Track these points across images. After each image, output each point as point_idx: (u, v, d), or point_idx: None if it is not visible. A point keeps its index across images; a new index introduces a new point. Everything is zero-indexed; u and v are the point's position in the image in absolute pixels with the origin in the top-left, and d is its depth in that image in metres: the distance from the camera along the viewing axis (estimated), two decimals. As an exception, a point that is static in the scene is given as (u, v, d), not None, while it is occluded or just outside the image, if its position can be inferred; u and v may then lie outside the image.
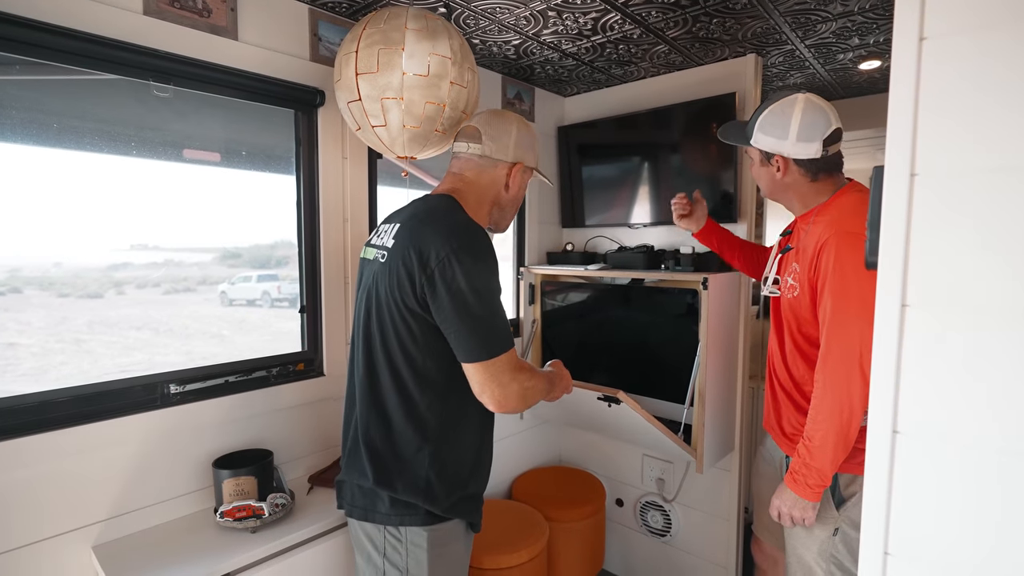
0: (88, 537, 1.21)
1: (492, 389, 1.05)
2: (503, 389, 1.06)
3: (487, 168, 1.20)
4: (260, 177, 1.66)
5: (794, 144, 1.25)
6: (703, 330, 1.74)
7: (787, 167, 1.29)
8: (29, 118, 1.22)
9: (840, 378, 1.16)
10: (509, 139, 1.19)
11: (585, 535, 2.12)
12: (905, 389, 0.63)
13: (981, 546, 0.58)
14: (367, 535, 1.16)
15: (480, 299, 1.03)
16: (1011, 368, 0.56)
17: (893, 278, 0.63)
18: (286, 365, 1.58)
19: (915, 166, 0.61)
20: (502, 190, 1.21)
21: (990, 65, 0.56)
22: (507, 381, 1.06)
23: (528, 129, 1.24)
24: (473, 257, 1.03)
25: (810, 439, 1.20)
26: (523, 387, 1.09)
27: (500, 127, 1.20)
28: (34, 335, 1.50)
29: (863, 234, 1.14)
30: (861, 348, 1.13)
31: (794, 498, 1.23)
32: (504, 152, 1.19)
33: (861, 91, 2.45)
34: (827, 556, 1.29)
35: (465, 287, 1.01)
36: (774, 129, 1.27)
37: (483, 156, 1.19)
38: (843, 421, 1.15)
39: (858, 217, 1.19)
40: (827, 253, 1.20)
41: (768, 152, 1.30)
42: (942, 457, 0.61)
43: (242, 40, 1.40)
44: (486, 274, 1.05)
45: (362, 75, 1.28)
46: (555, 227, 2.47)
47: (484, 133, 1.19)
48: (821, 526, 1.30)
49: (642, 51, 1.86)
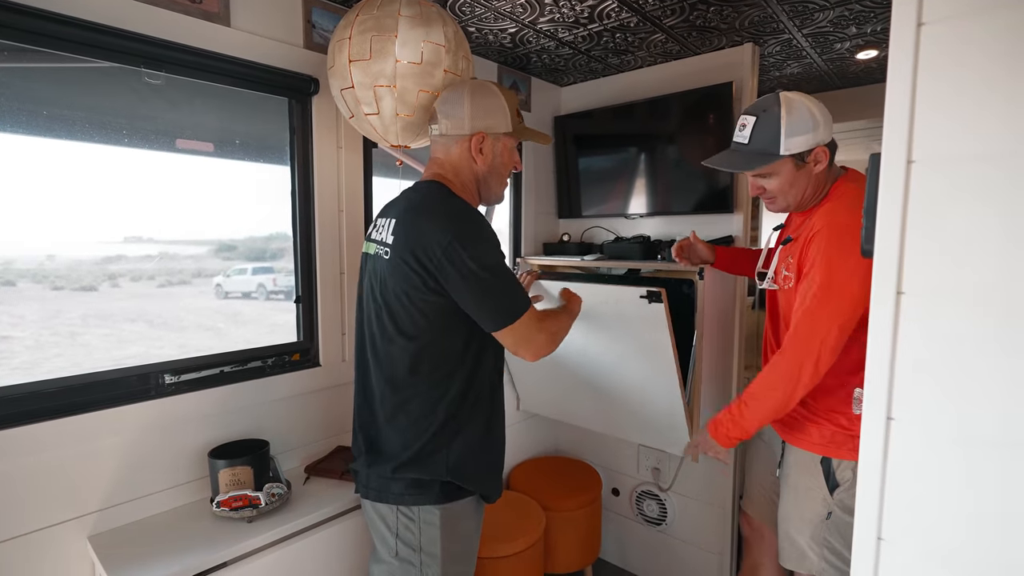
0: (84, 527, 1.21)
1: (525, 346, 1.15)
2: (534, 343, 1.16)
3: (451, 146, 1.18)
4: (254, 168, 1.65)
5: (824, 127, 1.23)
6: (699, 320, 1.74)
7: (826, 154, 1.24)
8: (18, 106, 1.21)
9: (795, 363, 1.20)
10: (462, 111, 1.15)
11: (581, 524, 2.13)
12: (899, 376, 0.63)
13: (973, 532, 0.59)
14: (380, 516, 1.19)
15: (491, 274, 1.08)
16: (1005, 355, 0.56)
17: (889, 265, 0.63)
18: (282, 355, 1.58)
19: (912, 152, 0.61)
20: (473, 164, 1.18)
21: (989, 50, 0.56)
22: (535, 335, 1.16)
23: (485, 94, 1.17)
24: (473, 239, 1.08)
25: (747, 403, 1.27)
26: (550, 333, 1.20)
27: (452, 101, 1.17)
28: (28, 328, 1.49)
29: (856, 225, 1.16)
30: (822, 345, 1.17)
31: (713, 443, 1.34)
32: (459, 126, 1.16)
33: (858, 81, 2.44)
34: (820, 540, 1.30)
35: (475, 268, 1.06)
36: (801, 125, 1.21)
37: (443, 135, 1.18)
38: (783, 399, 1.22)
39: (853, 210, 1.19)
40: (816, 243, 1.21)
41: (803, 152, 1.23)
42: (935, 444, 0.61)
43: (235, 26, 1.38)
44: (489, 250, 1.10)
45: (355, 62, 1.27)
46: (552, 218, 2.47)
47: (439, 111, 1.18)
48: (813, 510, 1.31)
49: (639, 40, 1.84)
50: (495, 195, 1.27)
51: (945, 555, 0.61)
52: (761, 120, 1.25)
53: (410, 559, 1.16)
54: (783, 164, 1.25)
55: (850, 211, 1.19)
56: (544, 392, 2.20)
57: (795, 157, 1.24)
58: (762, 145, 1.25)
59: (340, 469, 1.52)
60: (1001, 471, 0.57)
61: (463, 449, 1.16)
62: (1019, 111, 0.55)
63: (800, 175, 1.26)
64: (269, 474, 1.38)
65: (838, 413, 1.26)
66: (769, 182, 1.29)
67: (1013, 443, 0.56)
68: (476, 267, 1.06)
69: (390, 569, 1.19)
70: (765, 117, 1.24)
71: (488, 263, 1.08)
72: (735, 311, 1.93)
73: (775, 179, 1.27)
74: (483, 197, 1.26)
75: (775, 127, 1.23)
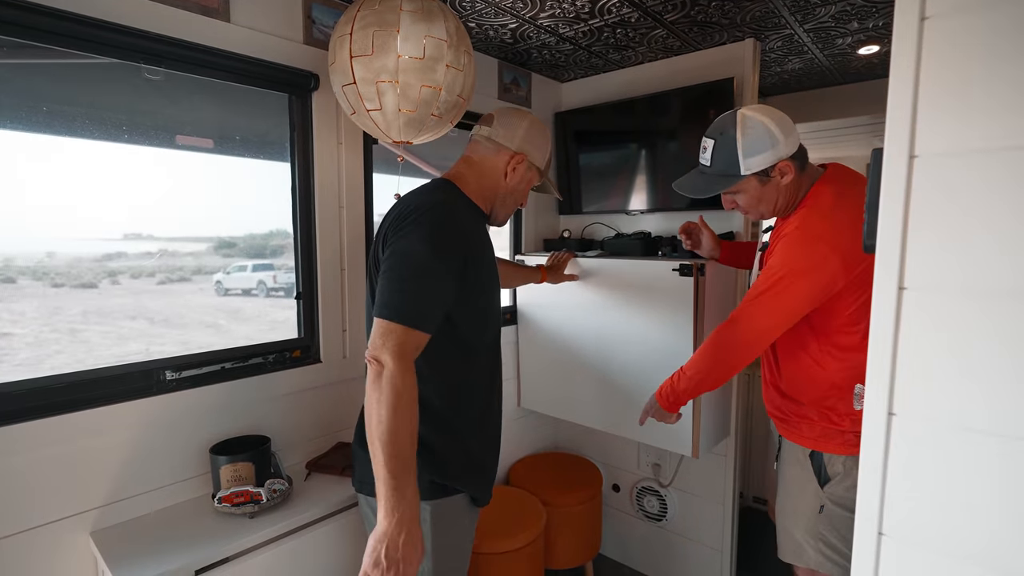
0: (85, 523, 1.22)
1: (378, 348, 0.98)
2: (385, 352, 0.98)
3: (491, 153, 1.21)
4: (254, 164, 1.65)
5: (784, 142, 1.22)
6: (699, 315, 1.74)
7: (791, 167, 1.23)
8: (18, 102, 1.20)
9: (726, 343, 1.28)
10: (519, 129, 1.21)
11: (582, 520, 2.14)
12: (901, 371, 0.63)
13: (976, 527, 0.59)
14: (373, 510, 1.16)
15: (406, 263, 1.02)
16: (1008, 350, 0.56)
17: (891, 260, 0.63)
18: (282, 352, 1.58)
19: (915, 148, 0.61)
20: (501, 178, 1.21)
21: (993, 44, 0.56)
22: (386, 357, 0.97)
23: (542, 130, 1.25)
24: (427, 231, 1.04)
25: (685, 373, 1.35)
26: (390, 380, 0.97)
27: (514, 117, 1.22)
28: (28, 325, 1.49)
29: (827, 233, 1.18)
30: (761, 336, 1.25)
31: (658, 407, 1.42)
32: (510, 139, 1.20)
33: (860, 77, 2.44)
34: (814, 533, 1.31)
35: (401, 248, 1.03)
36: (758, 144, 1.21)
37: (489, 139, 1.21)
38: (718, 377, 1.32)
39: (825, 216, 1.21)
40: (782, 244, 1.24)
41: (765, 169, 1.23)
42: (937, 439, 0.61)
43: (234, 22, 1.37)
44: (428, 250, 1.03)
45: (356, 58, 1.26)
46: (552, 214, 2.46)
47: (497, 119, 1.22)
48: (806, 503, 1.32)
49: (639, 35, 1.84)
50: (503, 216, 1.27)
51: (947, 550, 0.61)
52: (719, 143, 1.26)
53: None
54: (747, 182, 1.26)
55: (823, 218, 1.21)
56: (547, 389, 2.20)
57: (758, 174, 1.24)
58: (722, 167, 1.26)
59: (341, 465, 1.52)
60: (1003, 465, 0.57)
61: (447, 447, 1.13)
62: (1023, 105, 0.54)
63: (767, 189, 1.26)
64: (270, 470, 1.39)
65: (827, 408, 1.27)
66: (739, 198, 1.31)
67: (1015, 437, 0.56)
68: (401, 247, 1.02)
69: None
70: (722, 140, 1.26)
71: (417, 252, 1.02)
72: (735, 306, 1.93)
73: (743, 195, 1.29)
74: (493, 213, 1.25)
75: (732, 149, 1.23)
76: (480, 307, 1.16)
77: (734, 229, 1.96)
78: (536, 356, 2.22)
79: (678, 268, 1.69)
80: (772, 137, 1.21)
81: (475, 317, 1.15)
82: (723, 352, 1.29)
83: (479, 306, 1.16)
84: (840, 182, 1.26)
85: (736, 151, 1.23)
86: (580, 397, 2.05)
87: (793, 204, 1.29)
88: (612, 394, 1.93)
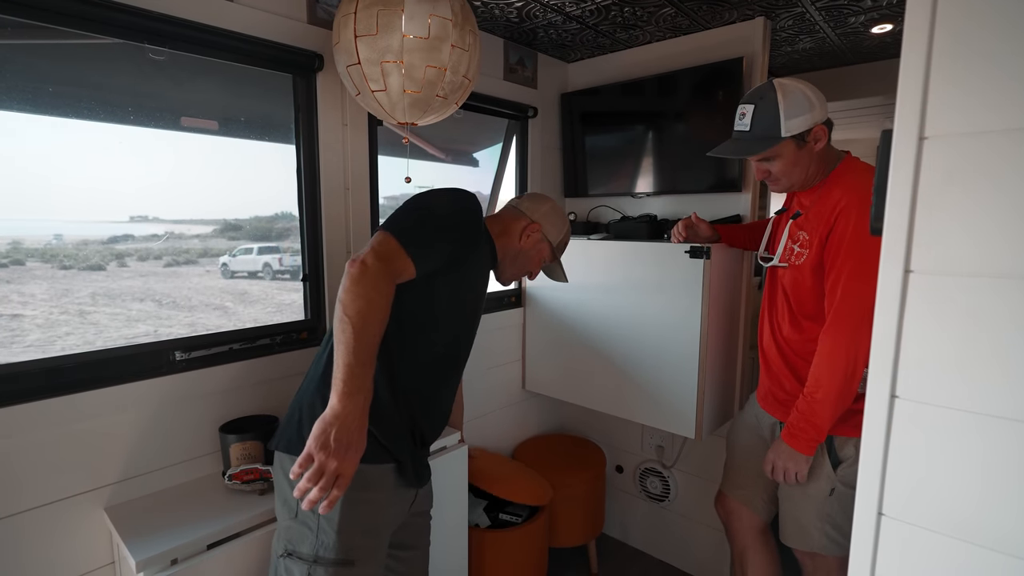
0: (100, 499, 1.25)
1: (363, 253, 1.01)
2: (365, 261, 1.00)
3: (515, 217, 1.35)
4: (259, 146, 1.64)
5: (820, 107, 1.28)
6: (704, 300, 1.74)
7: (825, 132, 1.29)
8: (23, 84, 1.20)
9: (849, 338, 1.21)
10: (542, 206, 1.37)
11: (586, 499, 2.17)
12: (905, 354, 0.63)
13: (976, 509, 0.60)
14: (285, 472, 1.09)
15: (424, 202, 1.14)
16: (1012, 334, 0.56)
17: (897, 243, 0.63)
18: (289, 333, 1.59)
19: (925, 129, 0.60)
20: (516, 239, 1.32)
21: (1007, 23, 0.55)
22: (372, 259, 1.00)
23: (561, 214, 1.40)
24: (453, 197, 1.17)
25: (812, 395, 1.25)
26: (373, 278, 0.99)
27: (540, 197, 1.40)
28: (38, 307, 1.51)
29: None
30: (869, 315, 1.16)
31: (790, 452, 1.29)
32: (532, 211, 1.35)
33: (872, 56, 2.39)
34: (824, 516, 1.33)
35: (423, 196, 1.15)
36: (798, 107, 1.27)
37: (516, 208, 1.38)
38: (847, 379, 1.21)
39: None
40: (846, 217, 1.24)
41: (803, 132, 1.28)
42: (940, 421, 0.61)
43: (238, 2, 1.36)
44: (448, 207, 1.15)
45: (361, 37, 1.25)
46: (558, 197, 2.45)
47: (527, 196, 1.41)
48: (817, 487, 1.33)
49: (647, 14, 1.80)
50: (508, 273, 1.36)
51: (947, 531, 0.62)
52: (760, 107, 1.30)
53: (307, 521, 1.07)
54: (785, 146, 1.29)
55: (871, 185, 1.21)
56: (552, 371, 2.22)
57: (796, 138, 1.28)
58: (763, 130, 1.30)
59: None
60: (1006, 447, 0.57)
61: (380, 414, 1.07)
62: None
63: (802, 155, 1.30)
64: (279, 449, 1.41)
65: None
66: (773, 164, 1.33)
67: (1019, 419, 0.56)
68: (428, 196, 1.15)
69: (288, 528, 1.10)
70: (763, 104, 1.30)
71: (439, 203, 1.15)
72: (741, 290, 1.93)
73: (779, 161, 1.32)
74: (500, 268, 1.34)
75: (774, 111, 1.28)
76: (444, 302, 1.18)
77: (740, 212, 1.94)
78: (541, 339, 2.23)
79: (689, 250, 1.70)
80: (809, 101, 1.27)
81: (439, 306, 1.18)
82: (853, 349, 1.20)
83: (444, 300, 1.18)
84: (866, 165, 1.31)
85: (778, 112, 1.27)
86: (585, 379, 2.06)
87: (821, 174, 1.33)
88: (617, 377, 1.94)
